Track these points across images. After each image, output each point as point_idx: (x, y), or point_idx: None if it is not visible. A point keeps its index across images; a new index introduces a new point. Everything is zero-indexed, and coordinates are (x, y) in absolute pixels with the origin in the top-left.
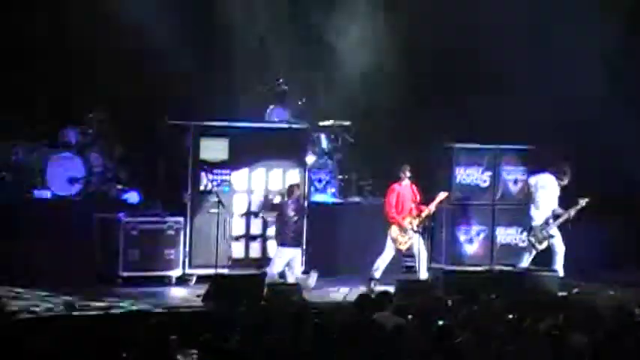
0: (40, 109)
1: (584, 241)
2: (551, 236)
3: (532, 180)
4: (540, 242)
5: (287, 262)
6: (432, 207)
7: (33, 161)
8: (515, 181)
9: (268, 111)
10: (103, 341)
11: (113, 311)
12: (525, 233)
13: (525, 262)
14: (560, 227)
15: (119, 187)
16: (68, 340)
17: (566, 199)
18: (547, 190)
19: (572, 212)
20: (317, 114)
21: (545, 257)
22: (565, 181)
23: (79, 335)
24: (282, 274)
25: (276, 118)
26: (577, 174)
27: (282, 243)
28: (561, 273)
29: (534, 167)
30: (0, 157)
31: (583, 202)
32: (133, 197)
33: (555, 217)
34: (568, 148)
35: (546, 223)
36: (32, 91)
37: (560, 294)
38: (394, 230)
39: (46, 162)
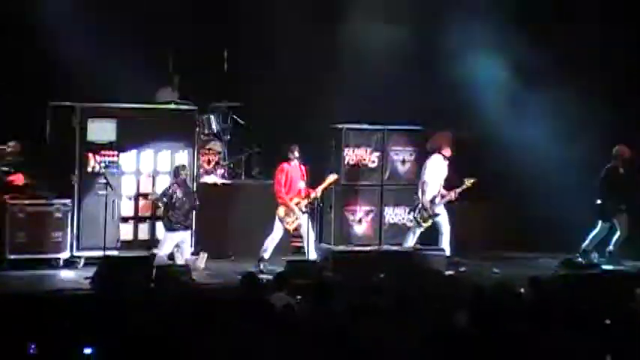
0: None
1: (467, 221)
2: (437, 215)
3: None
4: (425, 221)
5: (176, 243)
6: (320, 189)
7: None
8: (404, 162)
9: (157, 93)
10: None
11: None
12: (412, 212)
13: (410, 241)
14: (446, 207)
15: (5, 169)
16: None
17: (452, 178)
18: (435, 168)
19: (458, 192)
20: (207, 94)
21: (431, 237)
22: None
23: None
24: (171, 256)
25: (165, 99)
26: (465, 154)
27: (169, 227)
28: (448, 252)
29: (422, 148)
30: None
31: (469, 182)
32: (19, 179)
33: (441, 196)
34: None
35: (432, 201)
36: None
37: (447, 273)
38: (281, 210)
39: None
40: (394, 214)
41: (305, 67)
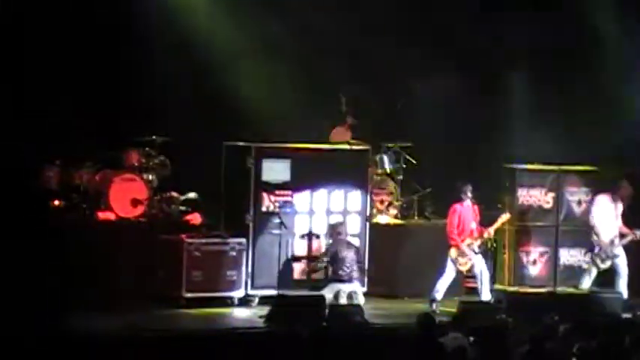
0: (98, 132)
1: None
2: (616, 256)
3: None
4: (603, 261)
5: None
6: (493, 229)
7: (97, 184)
8: (579, 202)
9: (331, 133)
10: None
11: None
12: (589, 253)
13: (586, 283)
14: (625, 248)
15: (182, 208)
16: None
17: (633, 218)
18: (602, 210)
19: (638, 233)
20: (380, 134)
21: (608, 279)
22: (619, 200)
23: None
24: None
25: (339, 139)
26: None
27: (335, 280)
28: (625, 294)
29: (595, 188)
30: (65, 181)
31: None
32: (195, 219)
33: (621, 236)
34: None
35: (611, 243)
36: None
37: (624, 316)
38: (453, 252)
39: (110, 184)
40: (569, 256)
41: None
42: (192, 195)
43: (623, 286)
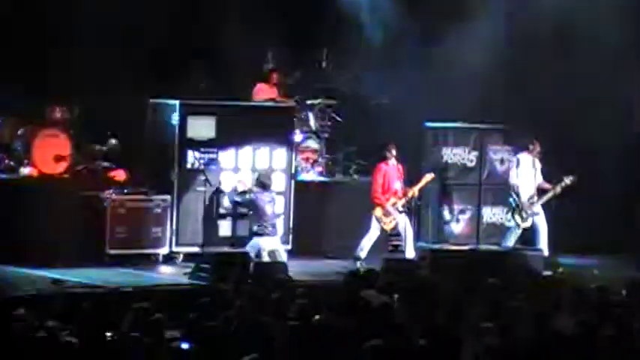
0: (22, 87)
1: (562, 220)
2: (535, 214)
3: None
4: (524, 220)
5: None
6: (417, 189)
7: (19, 139)
8: (502, 161)
9: (255, 89)
10: (88, 320)
11: (99, 290)
12: (510, 212)
13: (510, 241)
14: (544, 205)
15: (105, 164)
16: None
17: (551, 176)
18: (522, 169)
19: (558, 189)
20: (305, 92)
21: (529, 237)
22: (535, 156)
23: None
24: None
25: (264, 96)
26: (561, 151)
27: (256, 233)
28: (546, 252)
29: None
30: None
31: (568, 180)
32: (119, 175)
33: (541, 193)
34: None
35: (530, 201)
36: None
37: (545, 273)
38: (378, 210)
39: (33, 140)
40: (492, 214)
41: (399, 66)
42: (113, 141)
43: (543, 243)
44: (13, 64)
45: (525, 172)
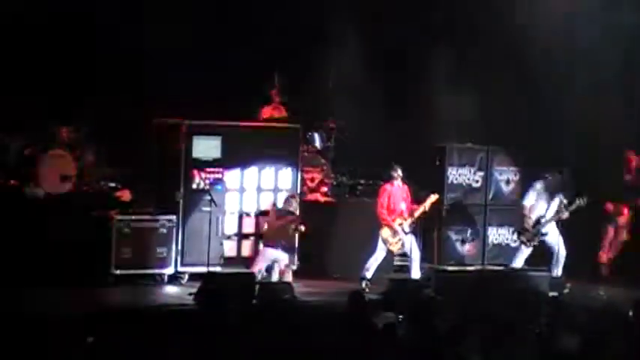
0: (28, 107)
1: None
2: (543, 234)
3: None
4: (530, 241)
5: (271, 261)
6: (422, 209)
7: (26, 159)
8: (508, 181)
9: (260, 113)
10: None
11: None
12: (516, 232)
13: (519, 262)
14: (559, 226)
15: (112, 185)
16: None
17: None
18: (536, 194)
19: (566, 212)
20: (310, 112)
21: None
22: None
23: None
24: (268, 269)
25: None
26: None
27: (264, 243)
28: (557, 273)
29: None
30: None
31: (580, 201)
32: (125, 195)
33: (552, 215)
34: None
35: (537, 222)
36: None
37: (550, 294)
38: (385, 231)
39: (39, 160)
40: (498, 234)
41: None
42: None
43: (556, 264)
44: (19, 83)
45: (540, 195)
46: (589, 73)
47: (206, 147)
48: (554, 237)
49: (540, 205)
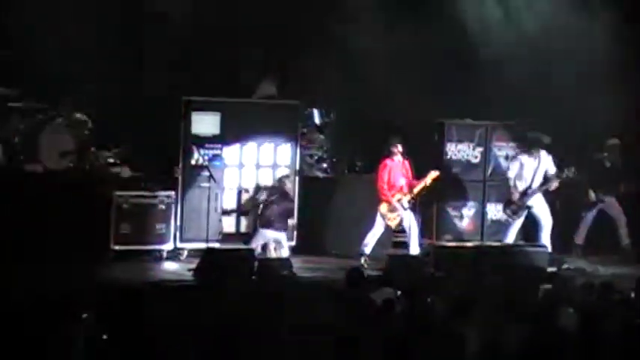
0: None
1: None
2: (529, 207)
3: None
4: (516, 213)
5: (269, 241)
6: (422, 185)
7: (25, 135)
8: (507, 157)
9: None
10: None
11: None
12: (502, 206)
13: (510, 237)
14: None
15: (111, 161)
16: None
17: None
18: (520, 165)
19: (554, 183)
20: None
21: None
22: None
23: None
24: (263, 247)
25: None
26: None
27: (261, 224)
28: (549, 247)
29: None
30: None
31: (568, 173)
32: (124, 171)
33: (539, 186)
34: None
35: (524, 193)
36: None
37: (549, 270)
38: (384, 207)
39: (38, 136)
40: (496, 211)
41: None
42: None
43: (545, 238)
44: (18, 61)
45: (527, 166)
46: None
47: (205, 123)
48: (540, 208)
49: (526, 176)
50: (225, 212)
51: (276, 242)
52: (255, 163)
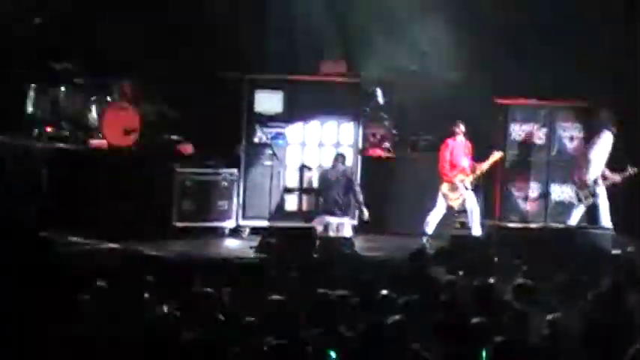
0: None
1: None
2: (597, 195)
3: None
4: (587, 198)
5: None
6: (485, 166)
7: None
8: (572, 138)
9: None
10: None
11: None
12: (574, 189)
13: (574, 219)
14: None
15: (174, 138)
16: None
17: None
18: (602, 146)
19: (618, 178)
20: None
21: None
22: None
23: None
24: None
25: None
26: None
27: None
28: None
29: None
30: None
31: (632, 170)
32: (187, 149)
33: (603, 177)
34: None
35: (595, 181)
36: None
37: (613, 252)
38: (445, 186)
39: (102, 113)
40: (561, 192)
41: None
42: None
43: (606, 219)
44: (81, 39)
45: (601, 151)
46: None
47: (268, 101)
48: (603, 197)
49: (601, 162)
50: (288, 190)
51: (339, 223)
52: (319, 143)
